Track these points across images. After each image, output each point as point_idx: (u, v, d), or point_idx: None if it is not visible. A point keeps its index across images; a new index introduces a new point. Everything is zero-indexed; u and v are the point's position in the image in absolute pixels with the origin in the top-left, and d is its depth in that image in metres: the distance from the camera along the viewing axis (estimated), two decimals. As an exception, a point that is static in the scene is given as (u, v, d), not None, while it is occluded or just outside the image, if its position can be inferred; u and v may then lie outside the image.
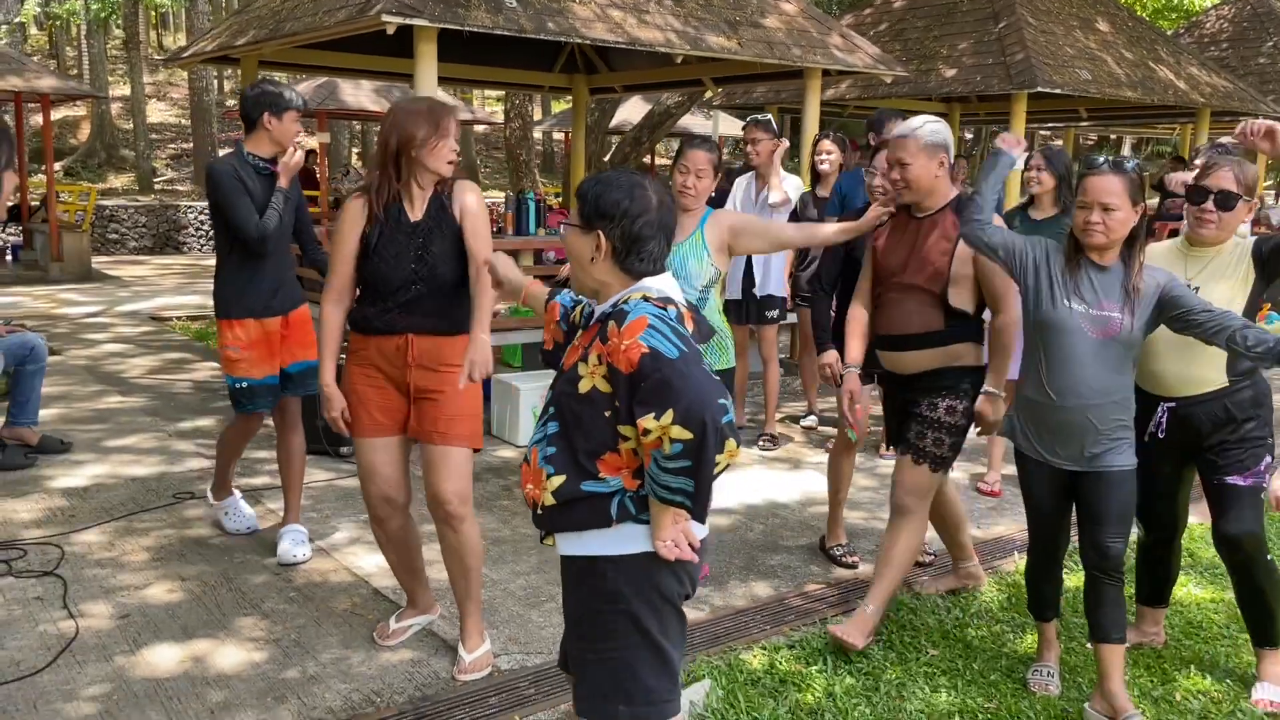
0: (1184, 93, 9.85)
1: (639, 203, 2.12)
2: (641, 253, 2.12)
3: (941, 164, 3.46)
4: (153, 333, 9.70)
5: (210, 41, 8.04)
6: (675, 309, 2.08)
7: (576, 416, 2.10)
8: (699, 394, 1.93)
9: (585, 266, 2.17)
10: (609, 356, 2.04)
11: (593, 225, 2.13)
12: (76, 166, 23.29)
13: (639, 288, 2.13)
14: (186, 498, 5.05)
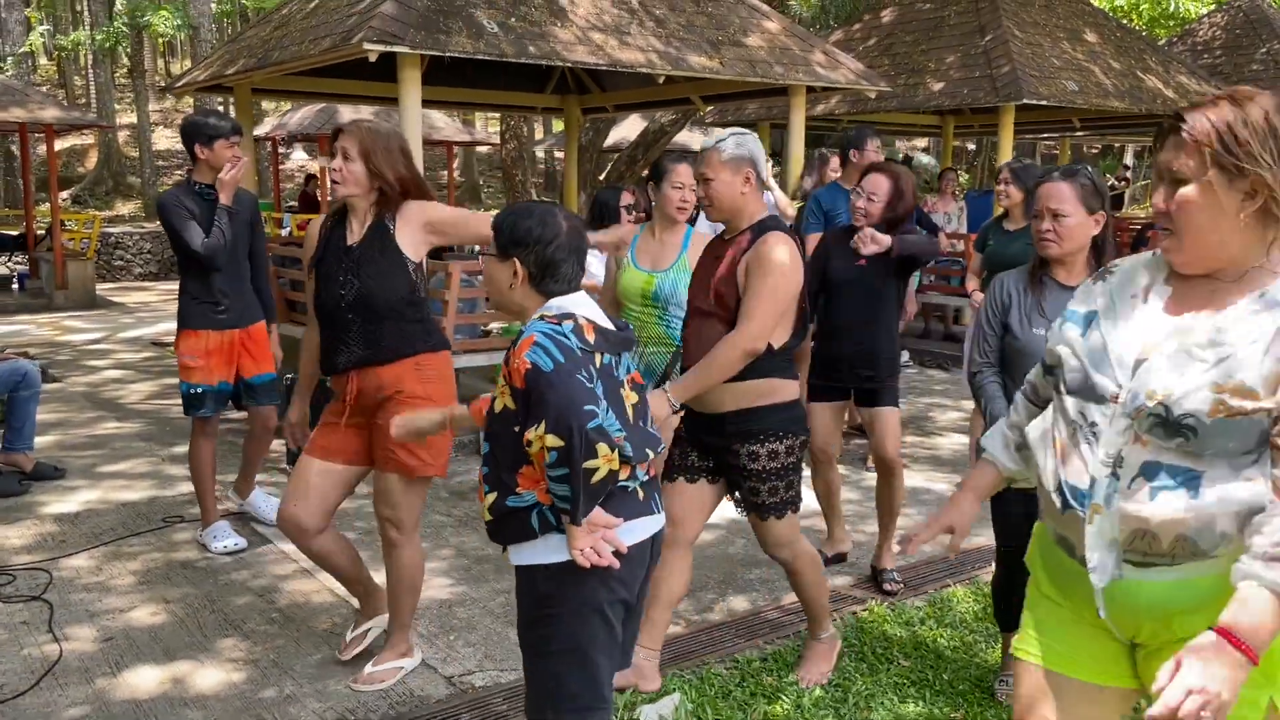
0: (1173, 101, 9.89)
1: (551, 229, 2.24)
2: (556, 275, 2.25)
3: (748, 180, 3.17)
4: (153, 359, 9.80)
5: (203, 70, 8.17)
6: (572, 322, 2.17)
7: (496, 435, 2.22)
8: (567, 402, 2.04)
9: (505, 293, 2.29)
10: (509, 375, 2.17)
11: (509, 254, 2.25)
12: (84, 194, 23.54)
13: (546, 307, 2.25)
14: (175, 521, 5.12)
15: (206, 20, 20.43)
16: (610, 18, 6.84)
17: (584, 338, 2.16)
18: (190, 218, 4.38)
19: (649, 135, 12.90)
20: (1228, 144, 1.56)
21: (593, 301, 2.34)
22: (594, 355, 2.17)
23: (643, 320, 4.09)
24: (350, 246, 3.22)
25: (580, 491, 2.08)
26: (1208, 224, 1.59)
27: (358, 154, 3.15)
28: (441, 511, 5.38)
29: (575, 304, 2.26)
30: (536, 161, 26.82)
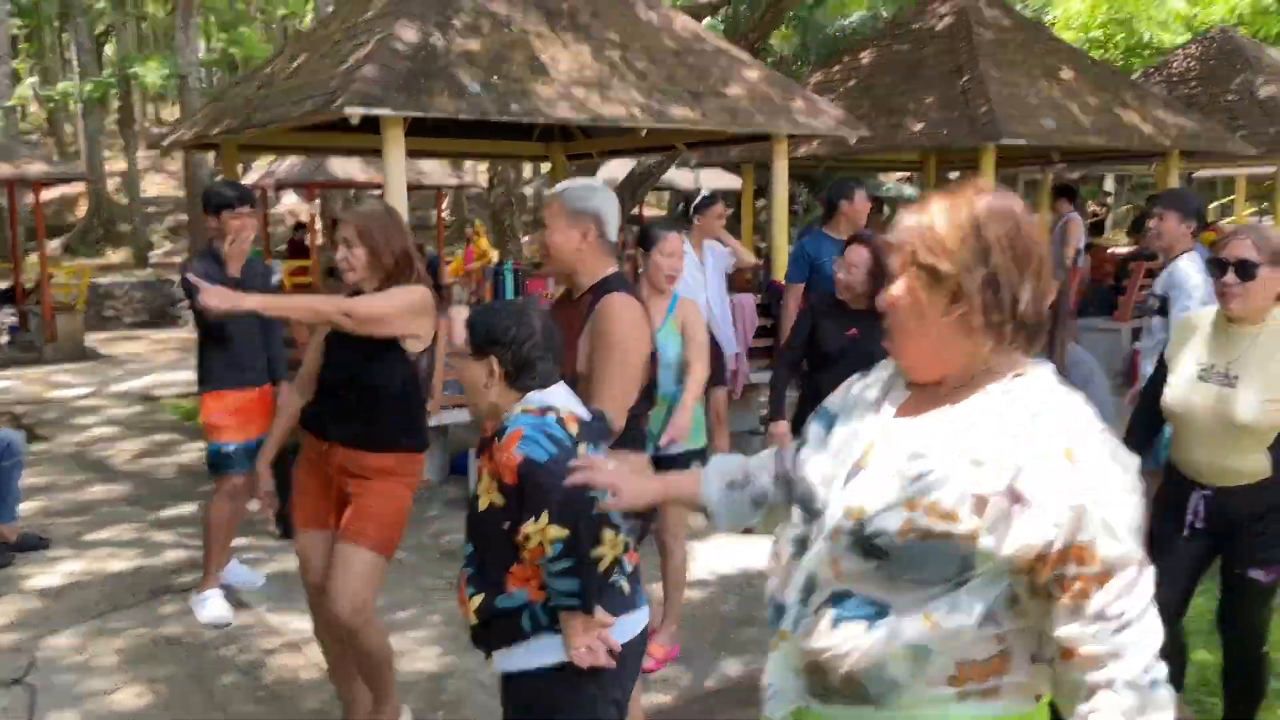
0: (1150, 135, 9.98)
1: (526, 327, 2.23)
2: (533, 373, 2.25)
3: (585, 235, 2.91)
4: (143, 413, 9.77)
5: (189, 130, 8.21)
6: (554, 414, 2.17)
7: (483, 535, 2.19)
8: (570, 493, 2.00)
9: (480, 392, 2.27)
10: (495, 472, 2.14)
11: (485, 352, 2.24)
12: (75, 243, 23.56)
13: (521, 402, 2.24)
14: (162, 593, 5.08)
15: (195, 69, 20.54)
16: (592, 72, 6.90)
17: (568, 430, 2.17)
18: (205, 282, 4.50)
19: (635, 176, 12.97)
20: (928, 243, 1.43)
21: (568, 392, 2.34)
22: (577, 447, 2.17)
23: None
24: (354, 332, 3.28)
25: (591, 581, 2.07)
26: (916, 328, 1.47)
27: (358, 240, 3.22)
28: (431, 574, 5.34)
29: (554, 397, 2.26)
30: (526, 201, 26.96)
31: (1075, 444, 1.34)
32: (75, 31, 25.42)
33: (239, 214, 4.58)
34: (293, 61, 7.64)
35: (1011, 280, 1.40)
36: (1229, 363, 2.99)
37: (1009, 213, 1.43)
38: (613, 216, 2.97)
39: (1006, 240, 1.41)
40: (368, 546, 3.24)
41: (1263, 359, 2.94)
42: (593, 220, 2.92)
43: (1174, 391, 3.13)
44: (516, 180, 17.00)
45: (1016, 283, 1.40)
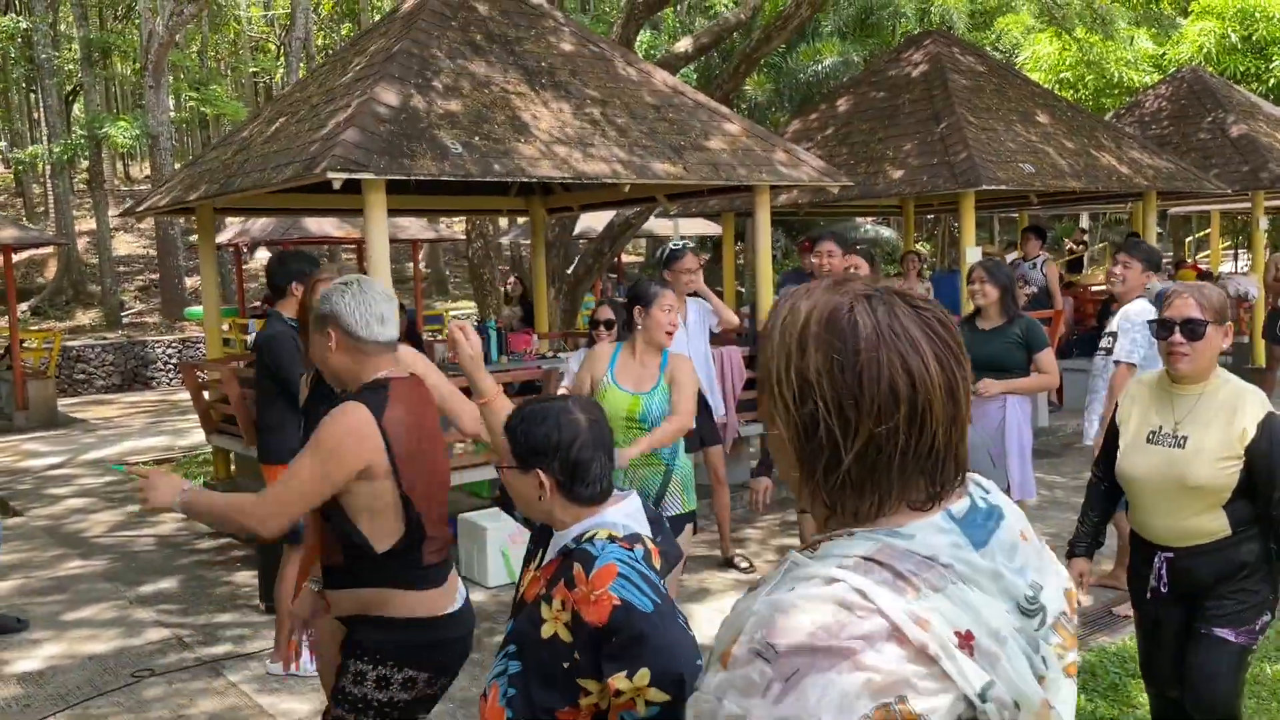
0: (1127, 177, 10.07)
1: (569, 430, 2.04)
2: (586, 478, 2.03)
3: (329, 339, 2.65)
4: (117, 482, 9.55)
5: (164, 195, 8.11)
6: (642, 547, 1.97)
7: (538, 661, 1.96)
8: (675, 652, 1.82)
9: (534, 505, 2.07)
10: (575, 604, 1.90)
11: (530, 465, 2.04)
12: (44, 305, 23.26)
13: (602, 523, 2.02)
14: (145, 675, 4.90)
15: (166, 128, 20.47)
16: (573, 130, 6.87)
17: (654, 566, 1.95)
18: (299, 357, 4.63)
19: (615, 227, 12.95)
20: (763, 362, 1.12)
21: (638, 504, 2.12)
22: (660, 580, 1.97)
23: (629, 440, 4.06)
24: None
25: None
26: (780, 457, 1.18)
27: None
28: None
29: (630, 515, 2.05)
30: (503, 251, 26.95)
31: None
32: (43, 93, 25.33)
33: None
34: (270, 125, 7.57)
35: (832, 428, 1.03)
36: (1176, 423, 2.97)
37: (841, 331, 1.04)
38: (361, 311, 2.62)
39: (829, 370, 1.03)
40: None
41: (1210, 417, 2.92)
42: (333, 324, 2.64)
43: (1125, 457, 3.12)
44: (494, 233, 16.96)
45: (841, 430, 1.03)
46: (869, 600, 0.96)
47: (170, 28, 18.21)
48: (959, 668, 0.95)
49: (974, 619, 0.97)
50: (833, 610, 0.96)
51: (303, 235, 15.56)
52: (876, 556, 1.00)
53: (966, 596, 0.98)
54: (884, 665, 0.94)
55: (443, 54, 6.95)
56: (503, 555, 6.11)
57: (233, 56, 37.61)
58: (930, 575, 0.99)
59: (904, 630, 0.94)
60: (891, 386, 1.01)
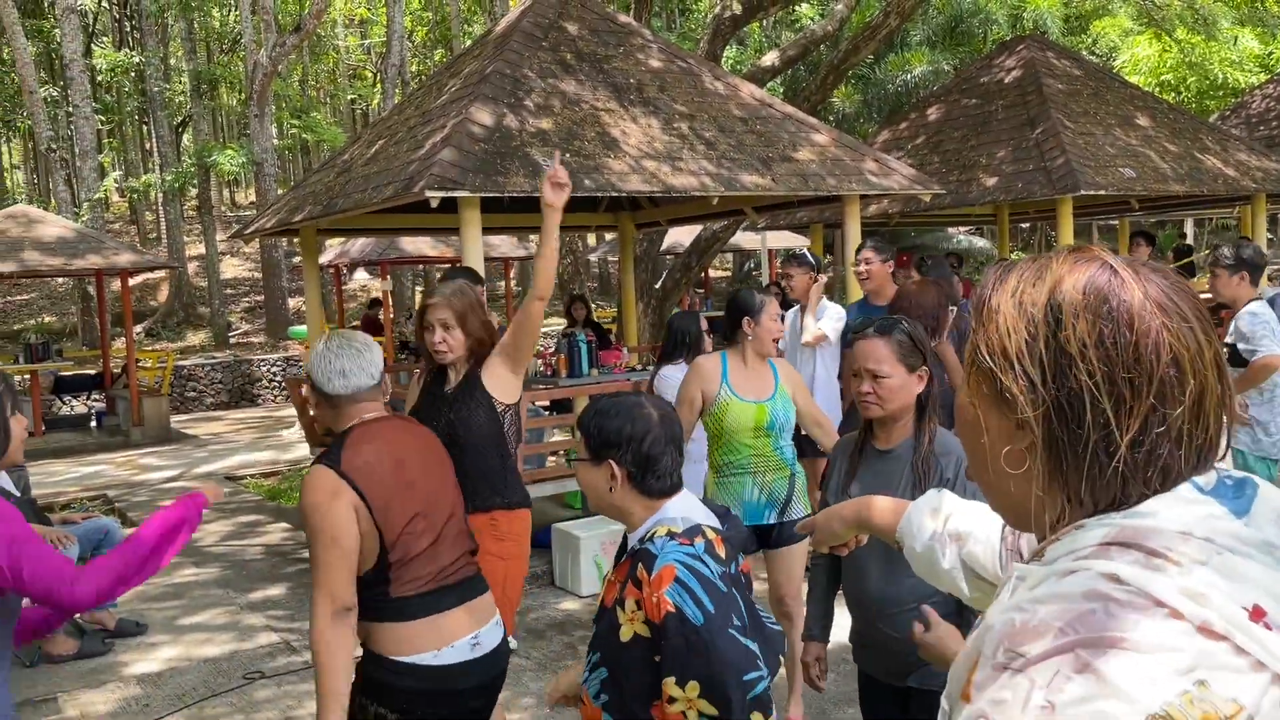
0: (1234, 180, 9.74)
1: (642, 423, 2.09)
2: (657, 471, 2.08)
3: (309, 400, 2.80)
4: (228, 494, 9.93)
5: (271, 218, 8.44)
6: (703, 539, 1.99)
7: (622, 666, 1.99)
8: (724, 665, 1.84)
9: (604, 498, 2.12)
10: (643, 605, 1.95)
11: (602, 457, 2.10)
12: (157, 327, 24.30)
13: (661, 519, 2.06)
14: (256, 677, 5.10)
15: (269, 155, 21.27)
16: (661, 145, 6.95)
17: (717, 555, 1.98)
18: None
19: (702, 241, 13.01)
20: (988, 339, 1.01)
21: (697, 500, 2.16)
22: (728, 569, 2.00)
23: (758, 449, 4.07)
24: (446, 392, 3.45)
25: None
26: (972, 450, 1.05)
27: (456, 322, 3.33)
28: (520, 654, 5.28)
29: (689, 509, 2.09)
30: (590, 267, 27.23)
31: None
32: (155, 124, 26.55)
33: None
34: (370, 148, 7.84)
35: (1104, 407, 0.90)
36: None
37: (1107, 299, 0.92)
38: (323, 367, 2.67)
39: (1099, 343, 0.91)
40: None
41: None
42: (307, 380, 2.75)
43: None
44: (583, 249, 17.19)
45: (1115, 410, 0.90)
46: (1125, 582, 0.83)
47: (273, 58, 18.94)
48: (1259, 641, 0.81)
49: (1259, 592, 0.83)
50: (1084, 602, 0.84)
51: (399, 255, 15.97)
52: (1118, 539, 0.87)
53: (1241, 568, 0.85)
54: (1167, 645, 0.80)
55: (534, 74, 7.11)
56: (596, 564, 6.19)
57: (331, 84, 38.89)
58: (1189, 549, 0.85)
59: (1178, 608, 0.81)
60: (1175, 359, 0.90)
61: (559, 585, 6.36)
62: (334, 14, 32.26)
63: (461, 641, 2.62)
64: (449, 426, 3.37)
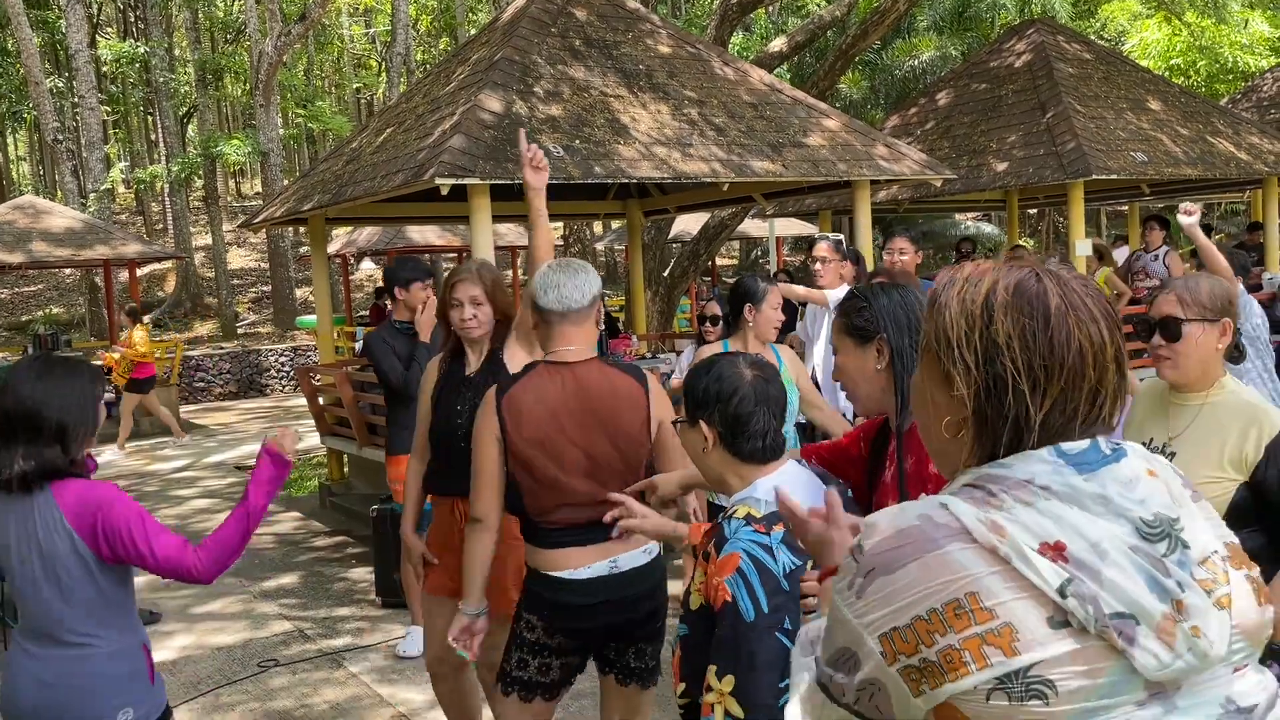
0: (1246, 164, 9.68)
1: (729, 381, 2.03)
2: (747, 432, 2.02)
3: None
4: (237, 484, 9.95)
5: (279, 207, 8.43)
6: (782, 529, 1.91)
7: (692, 629, 2.01)
8: (764, 668, 1.82)
9: (702, 460, 2.10)
10: (708, 584, 1.94)
11: (695, 418, 2.08)
12: (164, 318, 24.34)
13: (749, 498, 2.01)
14: (270, 665, 5.11)
15: (275, 145, 21.25)
16: (671, 131, 6.92)
17: (795, 546, 1.89)
18: (391, 353, 5.04)
19: (710, 229, 12.98)
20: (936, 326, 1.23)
21: (801, 469, 2.08)
22: (808, 563, 1.92)
23: None
24: (468, 376, 3.39)
25: None
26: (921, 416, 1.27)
27: (486, 297, 3.32)
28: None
29: (788, 485, 1.96)
30: (598, 256, 27.19)
31: None
32: (161, 114, 26.54)
33: (426, 285, 5.13)
34: (379, 136, 7.82)
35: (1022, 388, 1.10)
36: (1170, 438, 2.57)
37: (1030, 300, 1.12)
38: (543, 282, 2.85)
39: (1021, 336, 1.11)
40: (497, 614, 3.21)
41: (1204, 434, 2.49)
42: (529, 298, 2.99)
43: None
44: (591, 237, 17.15)
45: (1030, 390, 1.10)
46: (949, 510, 1.07)
47: (279, 48, 18.90)
48: (1033, 567, 1.02)
49: (1069, 532, 1.03)
50: (916, 520, 1.09)
51: (407, 244, 15.96)
52: (974, 482, 1.12)
53: (1061, 512, 1.05)
54: (953, 564, 1.04)
55: (543, 60, 7.08)
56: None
57: (336, 74, 38.86)
58: (1020, 493, 1.07)
59: (973, 533, 1.04)
60: (1080, 353, 1.10)
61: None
62: (339, 3, 32.20)
63: (600, 563, 2.82)
64: (473, 412, 3.32)
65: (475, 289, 3.31)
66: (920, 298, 2.14)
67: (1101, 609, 1.01)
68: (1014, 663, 1.01)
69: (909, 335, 2.11)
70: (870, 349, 2.14)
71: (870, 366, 2.14)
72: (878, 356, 2.12)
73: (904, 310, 2.14)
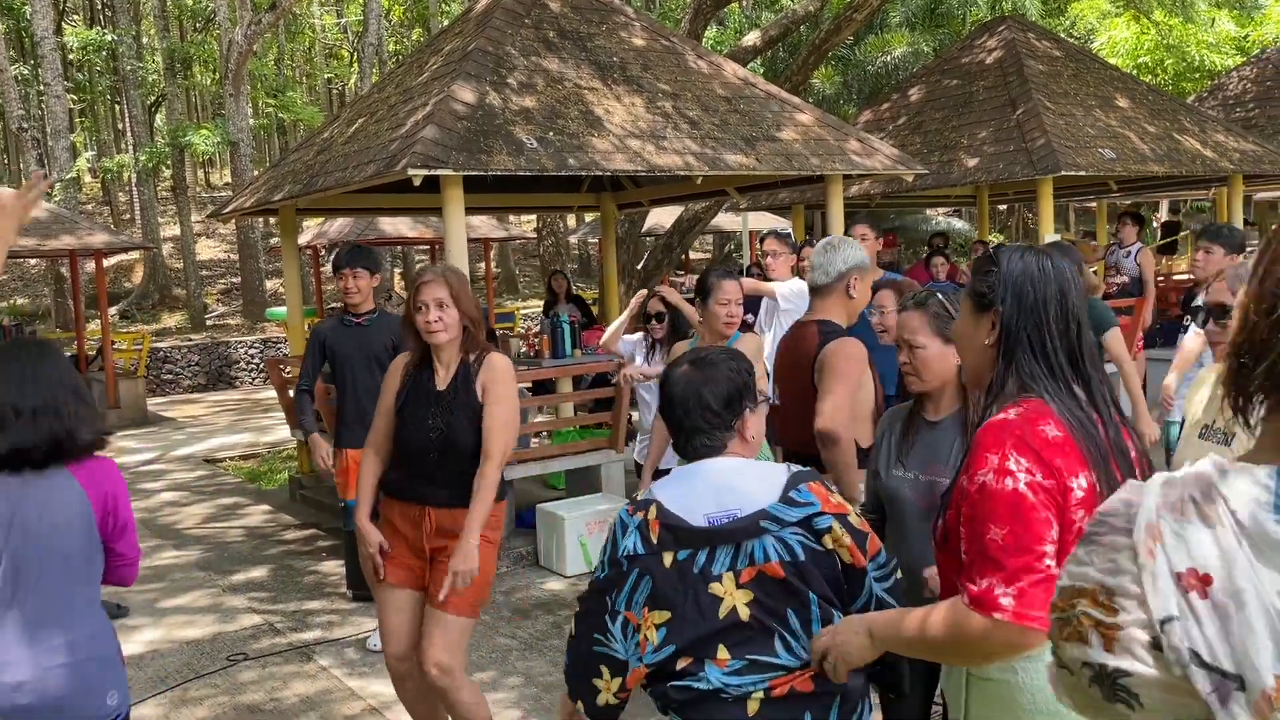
0: (1212, 161, 9.80)
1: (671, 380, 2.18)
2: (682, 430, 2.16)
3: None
4: (206, 477, 9.86)
5: (249, 197, 8.35)
6: (643, 515, 2.05)
7: None
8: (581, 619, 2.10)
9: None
10: None
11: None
12: (132, 309, 24.05)
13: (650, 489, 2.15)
14: (240, 659, 5.07)
15: (245, 135, 21.02)
16: (645, 124, 6.92)
17: (647, 536, 2.00)
18: (314, 351, 5.17)
19: (683, 222, 12.98)
20: None
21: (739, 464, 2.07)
22: (660, 556, 1.99)
23: None
24: (440, 391, 3.31)
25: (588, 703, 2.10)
26: None
27: (451, 300, 3.24)
28: (505, 634, 5.28)
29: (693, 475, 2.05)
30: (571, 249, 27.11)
31: None
32: (128, 103, 26.19)
33: (341, 275, 5.13)
34: (350, 126, 7.76)
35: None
36: (1228, 420, 2.69)
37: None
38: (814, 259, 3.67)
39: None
40: (462, 613, 3.26)
41: None
42: None
43: (1179, 449, 2.99)
44: (564, 230, 17.13)
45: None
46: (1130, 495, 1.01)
47: (249, 37, 18.69)
48: (1154, 587, 0.94)
49: (1224, 570, 0.93)
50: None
51: (379, 236, 15.84)
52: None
53: (1231, 548, 0.94)
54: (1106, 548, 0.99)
55: (517, 51, 7.05)
56: (580, 544, 6.18)
57: (308, 64, 38.49)
58: (1211, 510, 0.96)
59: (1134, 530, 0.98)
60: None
61: (543, 565, 6.36)
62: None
63: None
64: (445, 429, 3.26)
65: (441, 291, 3.24)
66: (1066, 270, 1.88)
67: (1203, 659, 0.92)
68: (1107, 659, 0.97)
69: (1030, 316, 1.85)
70: (985, 319, 1.90)
71: (980, 339, 1.91)
72: (990, 330, 1.89)
73: (1034, 285, 1.86)
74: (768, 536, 1.94)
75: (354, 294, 5.09)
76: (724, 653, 1.94)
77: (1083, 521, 1.65)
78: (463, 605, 3.25)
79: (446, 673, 3.23)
